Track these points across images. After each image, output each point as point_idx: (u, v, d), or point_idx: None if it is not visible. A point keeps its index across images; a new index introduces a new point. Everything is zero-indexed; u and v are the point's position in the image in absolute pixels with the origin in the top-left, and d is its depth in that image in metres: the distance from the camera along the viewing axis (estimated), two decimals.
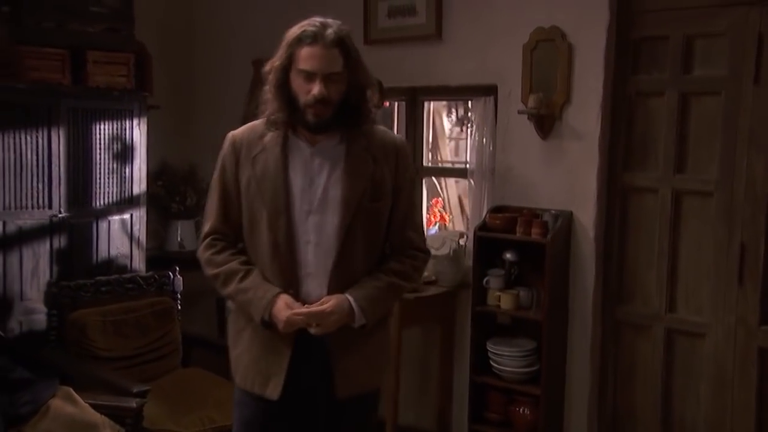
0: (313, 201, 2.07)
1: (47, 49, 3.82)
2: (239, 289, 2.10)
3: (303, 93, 2.01)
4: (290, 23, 4.27)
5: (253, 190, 2.10)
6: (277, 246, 2.06)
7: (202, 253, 2.20)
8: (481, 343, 3.55)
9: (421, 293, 3.60)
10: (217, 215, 2.18)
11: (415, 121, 4.08)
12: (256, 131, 2.14)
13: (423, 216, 3.92)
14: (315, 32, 2.02)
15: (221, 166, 2.18)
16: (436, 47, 3.85)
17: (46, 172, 3.78)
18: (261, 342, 2.11)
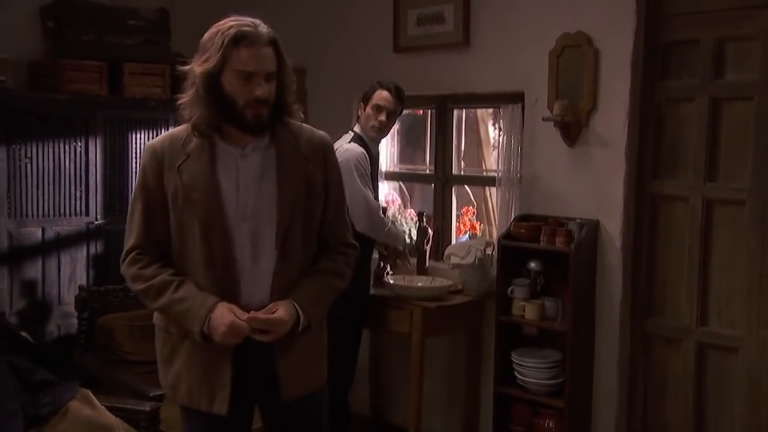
0: (247, 206, 2.03)
1: (86, 61, 3.95)
2: (173, 300, 2.00)
3: (241, 94, 1.96)
4: (322, 32, 4.38)
5: (181, 200, 2.01)
6: (212, 256, 2.00)
7: (126, 268, 2.08)
8: (507, 354, 3.50)
9: (446, 302, 3.57)
10: (141, 230, 2.07)
11: (444, 129, 4.06)
12: (177, 139, 2.05)
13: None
14: (252, 32, 1.99)
15: (142, 178, 2.07)
16: (463, 54, 3.83)
17: (83, 180, 3.91)
18: (200, 357, 2.04)
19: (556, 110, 3.37)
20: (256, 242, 2.03)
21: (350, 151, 3.42)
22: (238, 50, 1.96)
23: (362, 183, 3.37)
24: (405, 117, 4.12)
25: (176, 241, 2.06)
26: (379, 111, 3.48)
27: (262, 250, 2.04)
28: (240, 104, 1.97)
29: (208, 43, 1.99)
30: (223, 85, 1.97)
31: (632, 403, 3.44)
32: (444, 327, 3.66)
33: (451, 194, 4.08)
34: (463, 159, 4.49)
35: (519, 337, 3.59)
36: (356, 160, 3.38)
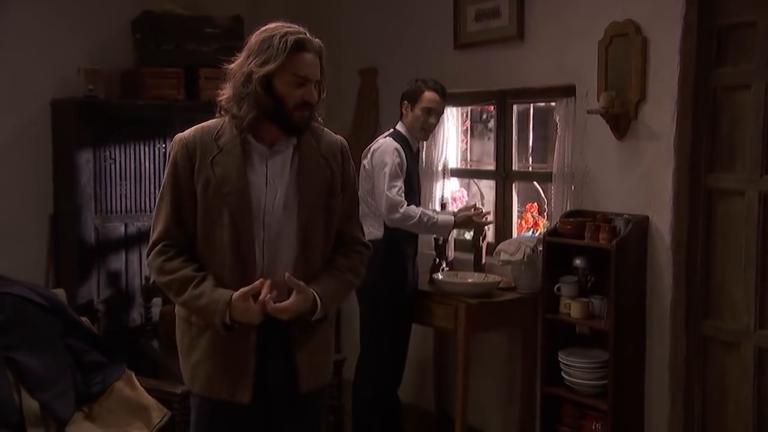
0: (273, 201, 2.11)
1: (166, 68, 4.24)
2: (193, 296, 2.07)
3: (293, 97, 2.07)
4: (391, 32, 4.45)
5: (212, 192, 2.08)
6: (240, 247, 2.07)
7: (153, 260, 2.14)
8: (555, 353, 3.42)
9: (492, 299, 3.54)
10: (170, 220, 2.12)
11: (504, 125, 4.01)
12: (209, 133, 2.13)
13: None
14: (308, 41, 2.11)
15: (173, 170, 2.14)
16: (518, 49, 3.78)
17: (161, 178, 4.19)
18: (222, 347, 2.11)
19: (601, 102, 3.26)
20: (279, 238, 2.13)
21: (385, 144, 3.50)
22: (297, 56, 2.08)
23: (390, 177, 3.40)
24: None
25: (203, 233, 2.11)
26: (429, 114, 3.53)
27: (285, 245, 2.13)
28: (290, 106, 2.09)
29: (262, 45, 2.07)
30: (275, 86, 2.07)
31: (689, 410, 3.26)
32: (491, 324, 3.63)
33: (511, 190, 4.03)
34: (532, 154, 4.43)
35: (572, 336, 3.50)
36: (389, 154, 3.44)
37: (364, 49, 4.71)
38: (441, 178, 4.32)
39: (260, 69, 2.05)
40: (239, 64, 2.09)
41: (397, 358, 3.61)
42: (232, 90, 2.09)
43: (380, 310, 3.50)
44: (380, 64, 4.61)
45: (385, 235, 3.48)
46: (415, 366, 4.44)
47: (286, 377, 2.17)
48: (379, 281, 3.46)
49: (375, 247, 3.45)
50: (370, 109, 4.70)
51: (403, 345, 3.64)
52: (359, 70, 4.72)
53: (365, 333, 3.54)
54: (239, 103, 2.08)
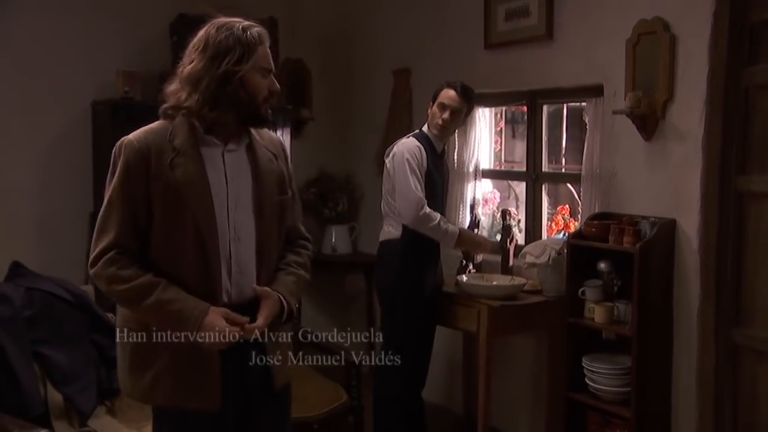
0: (235, 199, 2.09)
1: None
2: (162, 301, 1.97)
3: (261, 90, 2.06)
4: (423, 32, 4.43)
5: (173, 196, 2.00)
6: (204, 248, 2.02)
7: (102, 269, 1.99)
8: (579, 358, 3.35)
9: (515, 301, 3.49)
10: (123, 227, 2.00)
11: (535, 125, 3.95)
12: (161, 135, 2.04)
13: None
14: (265, 32, 2.12)
15: (126, 175, 2.01)
16: (547, 48, 3.71)
17: None
18: (186, 356, 2.02)
19: (627, 102, 3.18)
20: (240, 236, 2.11)
21: (405, 144, 3.48)
22: (261, 48, 2.09)
23: (411, 177, 3.38)
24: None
25: (162, 237, 2.02)
26: (443, 109, 3.48)
27: (246, 243, 2.12)
28: (259, 99, 2.08)
29: (226, 43, 2.02)
30: (245, 83, 2.04)
31: (719, 422, 3.14)
32: (515, 327, 3.57)
33: (541, 192, 3.97)
34: (565, 155, 4.35)
35: (598, 342, 3.42)
36: (409, 152, 3.42)
37: (397, 50, 4.71)
38: (472, 179, 4.28)
39: (238, 68, 2.02)
40: (204, 67, 2.02)
41: (418, 359, 3.59)
42: (202, 93, 2.01)
43: (399, 310, 3.49)
44: (413, 65, 4.60)
45: (403, 235, 3.46)
46: (444, 368, 4.41)
47: (260, 377, 2.15)
48: (396, 282, 3.45)
49: (393, 247, 3.49)
50: (403, 110, 4.69)
51: (425, 346, 3.61)
52: (393, 71, 4.72)
53: (385, 333, 3.53)
54: (214, 105, 2.02)
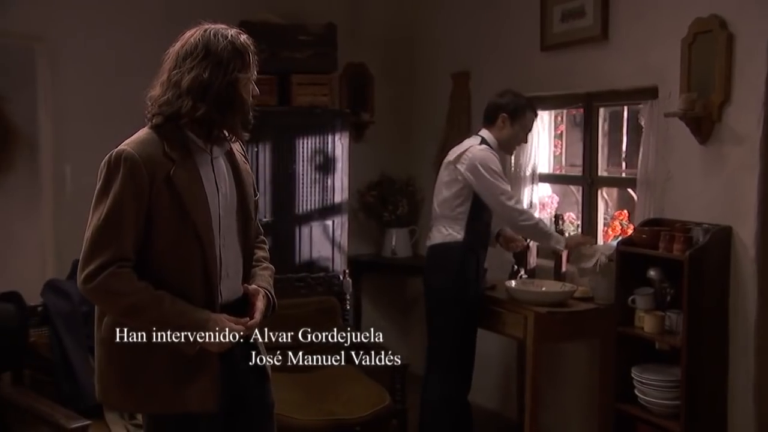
0: (225, 206, 2.12)
1: (259, 75, 4.38)
2: (172, 313, 1.98)
3: (248, 95, 2.12)
4: (481, 35, 4.40)
5: (176, 207, 2.00)
6: (204, 257, 2.04)
7: (104, 281, 1.94)
8: (629, 368, 3.24)
9: (567, 308, 3.42)
10: (127, 240, 1.97)
11: (591, 128, 3.85)
12: (157, 146, 2.01)
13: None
14: (250, 39, 2.15)
15: (127, 188, 1.96)
16: (603, 49, 3.62)
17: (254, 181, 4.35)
18: (184, 358, 2.02)
19: (680, 104, 3.07)
20: (230, 241, 2.14)
21: (483, 151, 3.50)
22: (252, 55, 2.14)
23: (496, 179, 3.44)
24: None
25: (165, 248, 2.02)
26: (527, 134, 3.60)
27: (232, 246, 2.16)
28: (248, 105, 2.14)
29: (227, 50, 2.04)
30: (244, 88, 2.10)
31: None
32: (564, 334, 3.49)
33: (597, 196, 3.87)
34: (625, 159, 4.23)
35: (650, 352, 3.30)
36: (492, 161, 3.47)
37: (457, 53, 4.69)
38: (529, 183, 4.21)
39: (245, 74, 2.06)
40: (210, 75, 2.01)
41: (464, 361, 3.56)
42: (213, 102, 2.01)
43: (452, 312, 3.48)
44: (472, 68, 4.57)
45: (465, 239, 3.46)
46: (500, 374, 4.36)
47: (255, 377, 2.21)
48: (454, 285, 3.45)
49: (450, 250, 3.48)
50: (462, 113, 4.66)
51: (471, 349, 3.58)
52: (452, 74, 4.70)
53: (434, 336, 3.53)
54: (224, 112, 2.04)
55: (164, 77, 2.05)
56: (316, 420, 3.27)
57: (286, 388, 3.49)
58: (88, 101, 4.35)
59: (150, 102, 2.06)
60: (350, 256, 4.96)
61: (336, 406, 3.36)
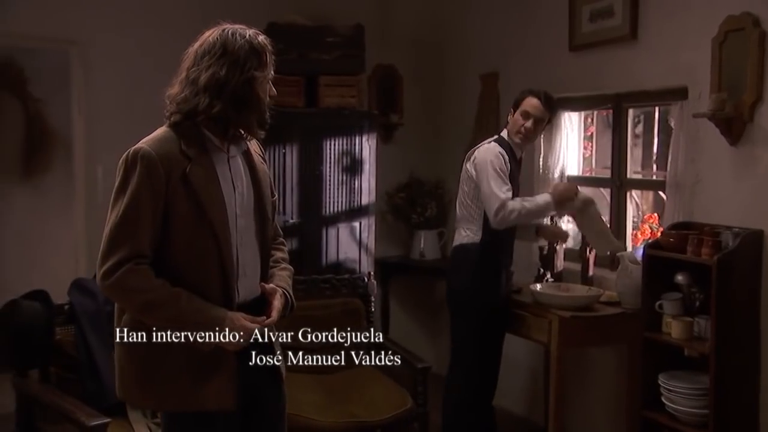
0: (239, 206, 2.11)
1: (287, 77, 4.41)
2: (187, 311, 1.98)
3: (266, 95, 2.09)
4: (510, 35, 4.35)
5: (191, 205, 2.01)
6: (221, 255, 2.04)
7: (120, 280, 1.95)
8: (656, 375, 3.17)
9: (593, 312, 3.36)
10: (144, 237, 1.98)
11: (620, 130, 3.78)
12: (174, 144, 2.02)
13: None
14: (268, 39, 2.12)
15: (144, 185, 1.98)
16: (632, 49, 3.56)
17: (281, 183, 4.37)
18: (200, 356, 2.02)
19: (710, 104, 2.99)
20: (244, 240, 2.14)
21: (488, 149, 3.43)
22: (270, 55, 2.11)
23: (496, 180, 3.33)
24: None
25: (182, 246, 2.03)
26: (526, 117, 3.41)
27: (250, 246, 2.16)
28: (265, 105, 2.12)
29: (243, 49, 2.02)
30: (261, 87, 2.07)
31: None
32: (589, 339, 3.43)
33: (625, 199, 3.80)
34: (656, 161, 4.15)
35: (679, 359, 3.22)
36: (493, 156, 3.37)
37: (486, 54, 4.65)
38: None
39: (262, 73, 2.04)
40: (228, 73, 2.00)
41: (488, 366, 3.52)
42: (228, 99, 2.01)
43: (472, 315, 3.44)
44: (501, 69, 4.53)
45: (482, 239, 3.41)
46: (527, 378, 4.31)
47: (269, 376, 2.21)
48: (472, 287, 3.41)
49: (469, 251, 3.44)
50: (491, 115, 4.62)
51: (494, 354, 3.53)
52: (480, 75, 4.66)
53: (456, 339, 3.49)
54: (240, 110, 2.04)
55: (182, 75, 2.06)
56: (336, 422, 3.25)
57: (307, 389, 3.51)
58: (119, 102, 4.41)
59: (168, 100, 2.07)
60: (378, 258, 4.96)
61: (357, 408, 3.34)
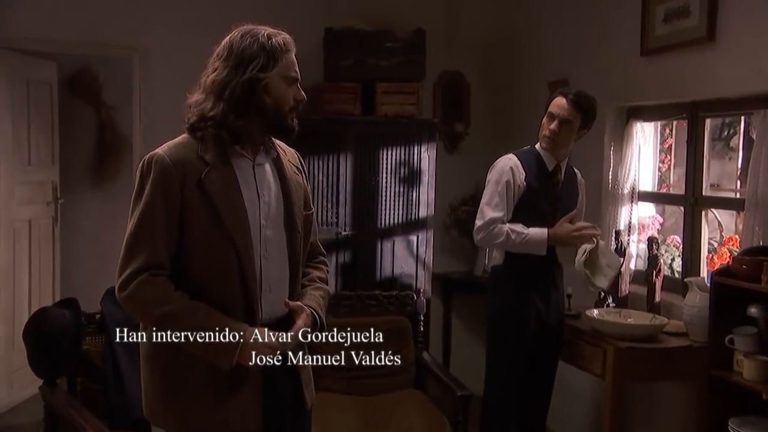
0: (267, 215, 2.01)
1: (343, 83, 4.27)
2: (208, 323, 1.88)
3: (287, 99, 1.96)
4: (579, 41, 4.05)
5: (207, 212, 1.92)
6: (242, 266, 1.94)
7: (136, 291, 1.87)
8: (725, 419, 2.81)
9: (654, 344, 3.02)
10: (157, 247, 1.90)
11: (695, 142, 3.42)
12: (191, 150, 1.94)
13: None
14: (291, 39, 1.99)
15: (158, 192, 1.90)
16: (709, 52, 3.20)
17: (334, 193, 4.22)
18: (224, 375, 1.92)
19: None
20: (271, 251, 2.02)
21: (501, 161, 3.21)
22: (287, 56, 1.98)
23: (492, 196, 3.10)
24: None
25: (201, 255, 1.94)
26: (551, 119, 3.11)
27: (277, 259, 2.04)
28: (285, 109, 1.98)
29: (251, 50, 1.93)
30: (272, 90, 1.95)
31: None
32: (651, 374, 3.09)
33: (700, 218, 3.42)
34: (740, 177, 3.75)
35: (755, 402, 2.84)
36: (498, 170, 3.16)
37: (555, 60, 4.36)
38: (628, 202, 3.81)
39: (263, 74, 1.92)
40: (229, 74, 1.93)
41: (530, 393, 3.21)
42: (227, 101, 1.92)
43: (499, 340, 3.15)
44: (571, 76, 4.22)
45: (505, 260, 3.14)
46: (591, 409, 3.98)
47: (292, 396, 2.08)
48: (498, 311, 3.14)
49: (497, 274, 3.18)
50: None
51: (537, 379, 3.20)
52: (549, 83, 4.36)
53: (488, 363, 3.22)
54: (239, 113, 1.93)
55: (200, 80, 2.01)
56: None
57: (344, 410, 3.33)
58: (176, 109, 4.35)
59: (189, 106, 2.00)
60: (439, 274, 4.74)
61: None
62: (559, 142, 3.12)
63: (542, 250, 3.06)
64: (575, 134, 3.13)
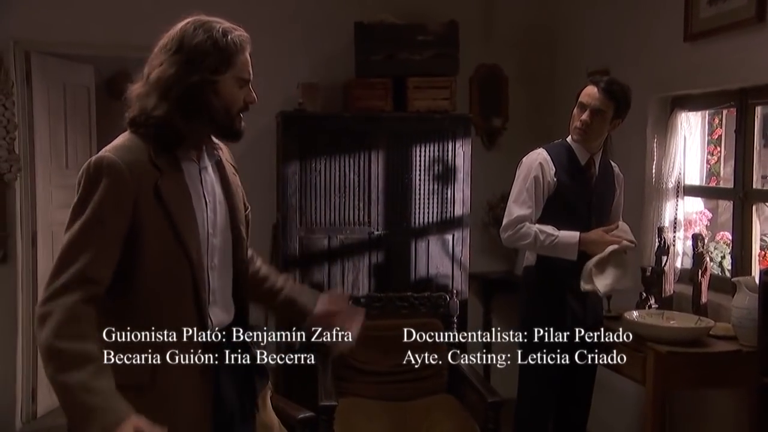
0: (212, 223, 1.88)
1: (373, 79, 4.16)
2: (87, 388, 1.61)
3: (237, 101, 1.82)
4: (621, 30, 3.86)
5: (162, 223, 1.78)
6: (194, 279, 1.82)
7: (56, 311, 1.66)
8: None
9: (699, 348, 2.82)
10: (105, 256, 1.73)
11: (745, 132, 3.20)
12: (143, 153, 1.78)
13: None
14: (247, 38, 1.84)
15: (108, 199, 1.72)
16: (759, 34, 2.98)
17: (365, 191, 4.11)
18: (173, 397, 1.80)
19: None
20: (218, 259, 1.91)
21: (531, 155, 3.06)
22: (241, 56, 1.84)
23: (520, 193, 2.95)
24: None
25: (153, 269, 1.78)
26: (581, 109, 2.94)
27: (223, 267, 1.92)
28: (234, 112, 1.84)
29: (203, 47, 1.78)
30: (220, 92, 1.81)
31: None
32: (696, 380, 2.87)
33: (751, 213, 3.20)
34: None
35: None
36: (526, 165, 3.02)
37: (595, 50, 4.17)
38: (673, 197, 3.60)
39: (215, 77, 1.77)
40: (177, 72, 1.76)
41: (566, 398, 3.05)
42: (173, 102, 1.77)
43: (532, 345, 2.98)
44: (612, 66, 4.02)
45: (537, 261, 2.98)
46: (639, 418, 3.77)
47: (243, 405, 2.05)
48: (530, 313, 2.98)
49: (529, 275, 3.02)
50: None
51: (572, 384, 3.05)
52: (589, 73, 4.16)
53: (520, 370, 3.07)
54: (185, 116, 1.79)
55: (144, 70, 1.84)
56: None
57: (373, 416, 3.23)
58: None
59: (130, 98, 1.82)
60: (478, 274, 4.60)
61: None
62: (592, 134, 2.94)
63: (572, 255, 2.89)
64: (608, 125, 2.95)
